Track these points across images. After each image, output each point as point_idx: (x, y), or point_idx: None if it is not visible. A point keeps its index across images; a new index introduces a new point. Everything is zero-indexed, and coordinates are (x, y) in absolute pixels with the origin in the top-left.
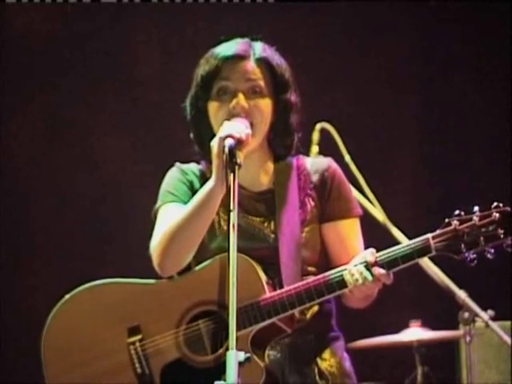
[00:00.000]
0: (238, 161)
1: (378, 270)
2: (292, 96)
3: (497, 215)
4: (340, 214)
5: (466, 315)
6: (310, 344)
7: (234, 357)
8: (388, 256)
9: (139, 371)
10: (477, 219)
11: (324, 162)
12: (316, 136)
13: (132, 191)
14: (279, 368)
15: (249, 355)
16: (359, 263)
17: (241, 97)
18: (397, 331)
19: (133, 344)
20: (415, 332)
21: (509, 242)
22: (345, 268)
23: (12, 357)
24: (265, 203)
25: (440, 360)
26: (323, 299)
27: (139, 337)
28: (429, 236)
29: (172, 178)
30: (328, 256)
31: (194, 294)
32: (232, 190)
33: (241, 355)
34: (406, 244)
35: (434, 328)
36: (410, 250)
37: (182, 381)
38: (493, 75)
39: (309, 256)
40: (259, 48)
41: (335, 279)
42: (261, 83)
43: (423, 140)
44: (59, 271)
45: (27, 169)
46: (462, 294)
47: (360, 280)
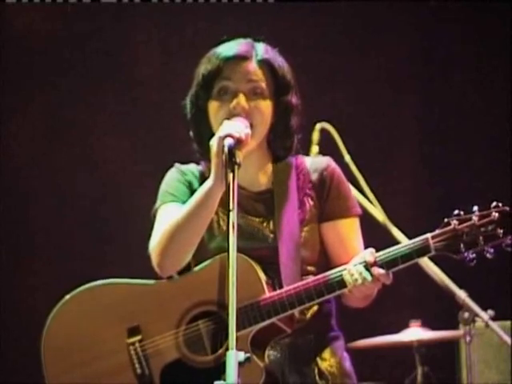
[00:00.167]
0: (238, 160)
1: (378, 270)
2: (293, 98)
3: (496, 215)
4: (339, 214)
5: (466, 315)
6: (310, 344)
7: (234, 357)
8: (387, 256)
9: (139, 371)
10: (476, 219)
11: (323, 162)
12: (316, 136)
13: (132, 191)
14: (279, 368)
15: (249, 355)
16: (358, 263)
17: (241, 97)
18: (397, 331)
19: (132, 344)
20: (415, 332)
21: (508, 242)
22: (344, 268)
23: (12, 357)
24: (264, 203)
25: (440, 360)
26: (323, 299)
27: (139, 337)
28: (428, 236)
29: (171, 179)
30: (327, 256)
31: (194, 295)
32: (232, 190)
33: (241, 355)
34: (406, 244)
35: (434, 328)
36: (410, 250)
37: (182, 381)
38: (493, 75)
39: (308, 256)
40: (261, 49)
41: (335, 279)
42: (262, 84)
43: (423, 140)
44: (59, 271)
45: (27, 169)
46: (462, 294)
47: (359, 280)
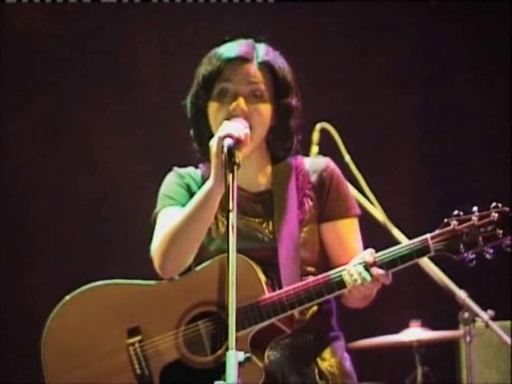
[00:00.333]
0: (237, 160)
1: (377, 271)
2: (293, 100)
3: (496, 215)
4: (339, 214)
5: (466, 315)
6: (310, 344)
7: (234, 357)
8: (387, 256)
9: (139, 372)
10: (476, 219)
11: (322, 162)
12: (316, 136)
13: (132, 191)
14: (279, 368)
15: (249, 355)
16: (358, 263)
17: (241, 100)
18: (397, 331)
19: (132, 345)
20: (415, 332)
21: (508, 242)
22: (344, 268)
23: (12, 357)
24: (263, 204)
25: (440, 360)
26: (322, 299)
27: (139, 338)
28: (427, 236)
29: (170, 182)
30: (327, 256)
31: (194, 295)
32: (231, 190)
33: (240, 355)
34: (405, 244)
35: (434, 328)
36: (409, 251)
37: (182, 381)
38: (493, 75)
39: (308, 256)
40: (262, 51)
41: (334, 279)
42: (262, 87)
43: (423, 140)
44: (59, 271)
45: (27, 169)
46: (462, 294)
47: (359, 280)
